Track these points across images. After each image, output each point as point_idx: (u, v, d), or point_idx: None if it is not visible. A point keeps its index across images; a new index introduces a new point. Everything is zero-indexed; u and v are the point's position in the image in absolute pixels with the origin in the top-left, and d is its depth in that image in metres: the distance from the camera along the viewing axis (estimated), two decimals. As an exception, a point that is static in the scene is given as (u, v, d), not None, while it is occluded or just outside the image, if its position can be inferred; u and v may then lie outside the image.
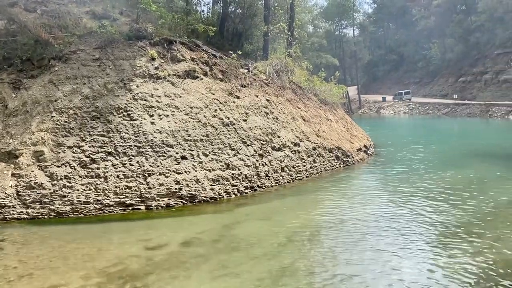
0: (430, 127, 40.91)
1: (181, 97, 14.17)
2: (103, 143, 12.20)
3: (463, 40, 64.28)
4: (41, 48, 13.97)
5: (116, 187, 11.55)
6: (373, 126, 39.51)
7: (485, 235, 9.04)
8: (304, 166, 15.69)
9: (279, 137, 15.56)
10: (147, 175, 11.96)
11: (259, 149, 14.50)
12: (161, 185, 11.93)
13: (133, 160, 12.12)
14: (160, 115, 13.32)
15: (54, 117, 12.48)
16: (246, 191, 13.28)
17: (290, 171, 15.04)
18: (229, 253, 8.46)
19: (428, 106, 60.05)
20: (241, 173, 13.45)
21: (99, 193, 11.37)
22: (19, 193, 11.03)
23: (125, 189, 11.59)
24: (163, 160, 12.40)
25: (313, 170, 16.03)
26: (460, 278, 7.08)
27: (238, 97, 15.77)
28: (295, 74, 21.53)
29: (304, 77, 22.45)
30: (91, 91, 13.16)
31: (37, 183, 11.17)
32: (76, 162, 11.73)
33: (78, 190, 11.30)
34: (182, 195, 12.03)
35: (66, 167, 11.60)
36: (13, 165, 11.50)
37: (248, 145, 14.29)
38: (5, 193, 10.93)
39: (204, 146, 13.31)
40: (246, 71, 18.23)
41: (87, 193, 11.30)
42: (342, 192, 13.73)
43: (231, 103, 15.28)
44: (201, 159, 12.99)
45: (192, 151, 13.00)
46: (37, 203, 10.97)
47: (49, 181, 11.29)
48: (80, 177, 11.52)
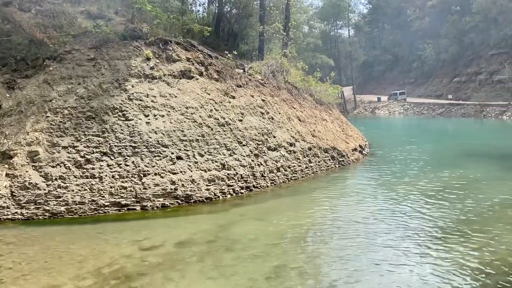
0: (424, 127, 41.12)
1: (176, 97, 14.16)
2: (98, 143, 12.16)
3: (458, 40, 64.71)
4: (35, 48, 13.90)
5: (111, 188, 11.52)
6: (368, 126, 39.63)
7: (481, 234, 9.09)
8: (299, 166, 15.72)
9: (274, 137, 15.58)
10: (142, 175, 11.94)
11: (254, 149, 14.51)
12: (157, 185, 11.91)
13: (128, 160, 12.09)
14: (155, 115, 13.30)
15: (48, 117, 12.42)
16: (241, 191, 13.29)
17: (285, 171, 15.06)
18: (224, 254, 8.46)
19: (423, 106, 60.36)
20: (237, 173, 13.46)
21: (94, 194, 11.33)
22: (14, 194, 10.97)
23: (120, 189, 11.56)
24: (158, 160, 12.38)
25: (309, 170, 16.06)
26: (456, 277, 7.13)
27: (233, 97, 15.78)
28: (291, 74, 21.57)
29: (299, 77, 22.49)
30: (86, 91, 13.12)
31: (32, 183, 11.11)
32: (71, 162, 11.68)
33: (73, 190, 11.25)
34: (177, 195, 12.01)
35: (61, 167, 11.55)
36: (7, 166, 11.43)
37: (243, 145, 14.30)
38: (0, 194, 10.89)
39: (199, 146, 13.30)
40: (241, 71, 18.23)
41: (82, 194, 11.25)
42: (337, 192, 13.77)
43: (226, 103, 15.29)
44: (196, 159, 12.98)
45: (187, 151, 12.99)
46: (32, 204, 10.91)
47: (44, 182, 11.23)
48: (75, 177, 11.47)
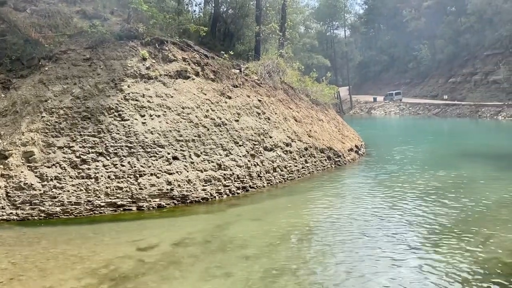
0: (420, 128, 41.27)
1: (172, 97, 14.13)
2: (94, 143, 12.12)
3: (453, 41, 65.01)
4: (31, 47, 13.85)
5: (107, 188, 11.48)
6: (364, 126, 39.74)
7: (476, 233, 9.15)
8: (296, 166, 15.73)
9: (271, 138, 15.59)
10: (138, 176, 11.91)
11: (251, 149, 14.51)
12: (153, 185, 11.89)
13: (124, 160, 12.06)
14: (151, 115, 13.27)
15: (44, 117, 12.37)
16: (238, 191, 13.28)
17: (282, 171, 15.08)
18: (221, 254, 8.46)
19: (418, 106, 60.60)
20: (233, 174, 13.45)
21: (90, 194, 11.29)
22: (9, 194, 10.91)
23: (116, 189, 11.53)
24: (154, 160, 12.36)
25: (305, 170, 16.08)
26: (451, 276, 7.15)
27: (230, 97, 15.77)
28: (287, 74, 21.57)
29: (295, 78, 22.49)
30: (82, 91, 13.07)
31: (27, 184, 11.06)
32: (66, 162, 11.63)
33: (68, 191, 11.21)
34: (173, 195, 11.99)
35: (56, 167, 11.50)
36: (2, 166, 11.37)
37: (240, 146, 14.30)
38: (-6, 194, 10.82)
39: (195, 146, 13.29)
40: (238, 71, 18.23)
41: (77, 194, 11.21)
42: (333, 192, 13.80)
43: (223, 103, 15.28)
44: (192, 159, 12.97)
45: (183, 151, 12.97)
46: (27, 204, 10.86)
47: (39, 182, 11.18)
48: (70, 177, 11.43)
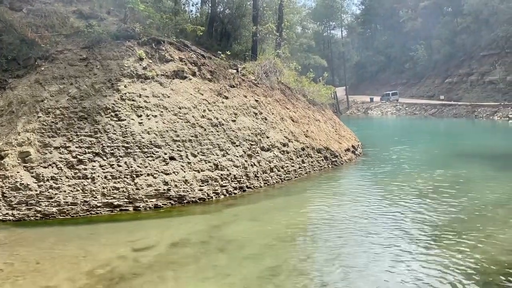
0: (417, 128, 41.38)
1: (169, 97, 14.11)
2: (90, 143, 12.08)
3: (450, 41, 65.22)
4: (27, 47, 13.79)
5: (103, 188, 11.45)
6: (361, 126, 39.79)
7: (473, 233, 9.18)
8: (292, 166, 15.74)
9: (268, 138, 15.59)
10: (135, 176, 11.88)
11: (248, 149, 14.51)
12: (149, 186, 11.86)
13: (121, 160, 12.03)
14: (148, 116, 13.25)
15: (40, 117, 12.33)
16: (235, 191, 13.27)
17: (279, 171, 15.08)
18: (218, 254, 8.45)
19: (415, 106, 60.73)
20: (230, 174, 13.44)
21: (86, 194, 11.25)
22: (5, 195, 10.86)
23: (112, 190, 11.49)
24: (151, 160, 12.33)
25: (302, 170, 16.09)
26: (449, 275, 7.18)
27: (226, 98, 15.76)
28: (284, 74, 21.58)
29: (292, 78, 22.51)
30: (78, 91, 13.03)
31: (23, 184, 11.01)
32: (63, 163, 11.59)
33: (65, 191, 11.16)
34: (170, 196, 11.97)
35: (52, 168, 11.46)
36: (-2, 166, 11.32)
37: (237, 146, 14.29)
38: (-10, 195, 10.76)
39: (192, 146, 13.27)
40: (234, 71, 18.23)
41: (74, 194, 11.17)
42: (330, 192, 13.80)
43: (219, 103, 15.27)
44: (189, 159, 12.95)
45: (180, 151, 12.95)
46: (23, 205, 10.81)
47: (35, 182, 11.14)
48: (67, 178, 11.39)
